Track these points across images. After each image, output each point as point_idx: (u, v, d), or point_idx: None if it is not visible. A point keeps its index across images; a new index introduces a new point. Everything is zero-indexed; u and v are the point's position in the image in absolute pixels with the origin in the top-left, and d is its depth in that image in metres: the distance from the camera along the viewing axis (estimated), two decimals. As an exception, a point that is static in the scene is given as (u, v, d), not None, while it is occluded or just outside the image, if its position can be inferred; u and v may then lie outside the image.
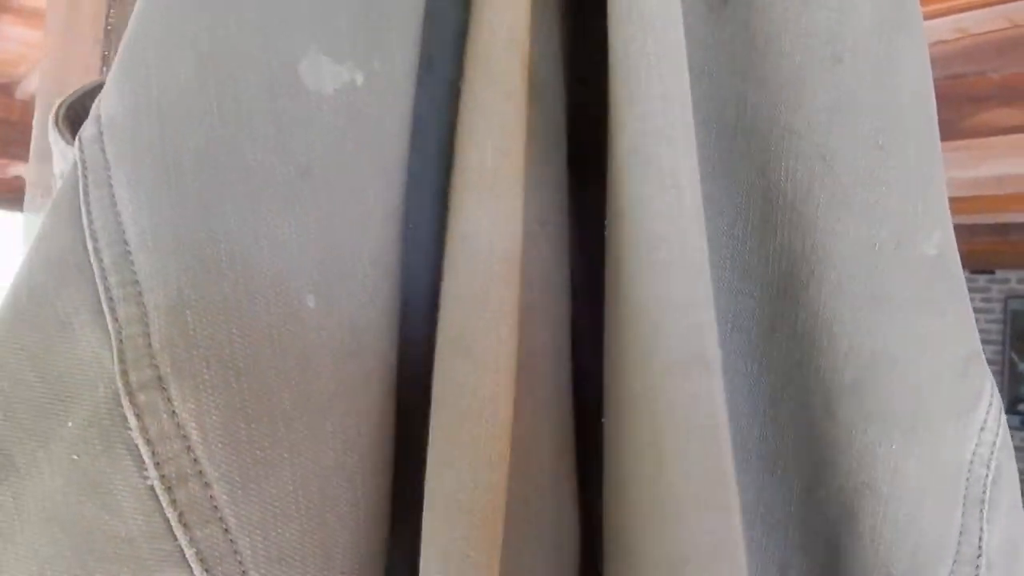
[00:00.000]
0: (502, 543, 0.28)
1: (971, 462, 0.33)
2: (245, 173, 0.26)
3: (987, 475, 0.33)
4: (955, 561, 0.32)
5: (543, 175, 0.35)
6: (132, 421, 0.25)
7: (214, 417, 0.25)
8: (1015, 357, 5.41)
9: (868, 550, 0.32)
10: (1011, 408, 5.24)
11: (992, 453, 0.34)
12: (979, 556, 0.33)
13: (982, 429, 0.34)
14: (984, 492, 0.33)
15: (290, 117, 0.27)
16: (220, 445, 0.25)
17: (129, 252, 0.26)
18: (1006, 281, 5.57)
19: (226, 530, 0.25)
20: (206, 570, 0.25)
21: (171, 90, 0.26)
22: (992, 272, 5.59)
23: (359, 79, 0.28)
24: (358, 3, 0.29)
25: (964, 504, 0.33)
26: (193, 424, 0.25)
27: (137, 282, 0.25)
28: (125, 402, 0.25)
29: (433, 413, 0.28)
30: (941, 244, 0.33)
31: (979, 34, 1.47)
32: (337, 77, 0.28)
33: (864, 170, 0.32)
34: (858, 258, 0.32)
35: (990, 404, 0.34)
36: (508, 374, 0.28)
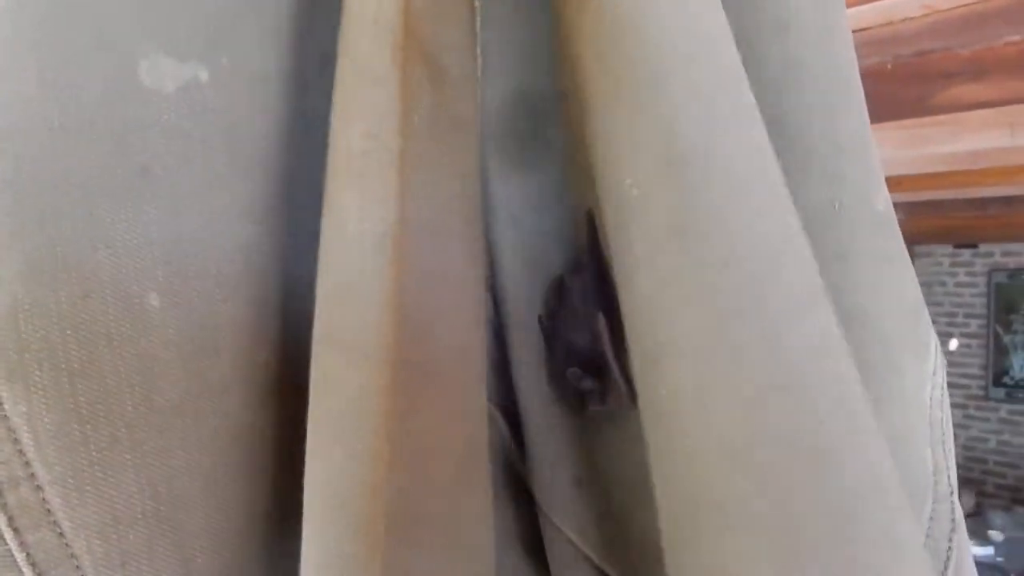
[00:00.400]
0: (396, 544, 0.28)
1: (930, 405, 0.34)
2: (83, 178, 0.26)
3: (941, 417, 0.35)
4: (934, 499, 0.33)
5: (452, 163, 0.35)
6: None
7: (47, 420, 0.25)
8: (999, 330, 5.44)
9: None
10: (996, 381, 5.28)
11: (942, 395, 0.35)
12: (951, 493, 0.34)
13: (934, 372, 0.35)
14: (943, 433, 0.34)
15: (129, 118, 0.27)
16: (54, 449, 0.25)
17: None
18: (990, 255, 5.59)
19: (60, 534, 0.25)
20: (38, 575, 0.24)
21: (14, 104, 0.26)
22: (975, 246, 5.61)
23: (203, 76, 0.28)
24: (206, 1, 0.29)
25: (931, 443, 0.34)
26: (25, 428, 0.25)
27: None
28: None
29: (310, 409, 0.28)
30: (885, 199, 0.35)
31: (946, 10, 1.46)
32: (179, 75, 0.28)
33: (819, 134, 0.33)
34: (822, 219, 0.33)
35: (936, 346, 0.36)
36: (386, 368, 0.28)
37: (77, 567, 0.25)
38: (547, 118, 0.39)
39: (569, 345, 0.45)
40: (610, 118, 0.29)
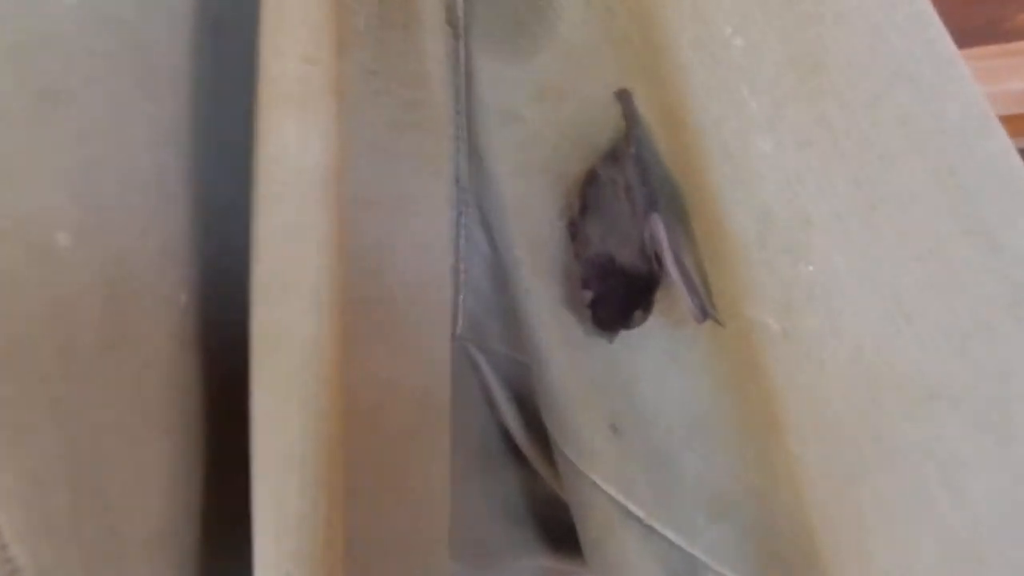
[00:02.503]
0: (354, 499, 0.27)
1: None
2: None
3: None
4: None
5: (405, 65, 0.34)
6: None
7: None
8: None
9: None
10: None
11: None
12: None
13: None
14: None
15: (29, 35, 0.24)
16: None
17: None
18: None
19: None
20: None
21: None
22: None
23: None
24: None
25: None
26: None
27: None
28: None
29: (255, 362, 0.26)
30: None
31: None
32: None
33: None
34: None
35: None
36: (338, 313, 0.27)
37: None
38: None
39: (604, 253, 0.36)
40: None
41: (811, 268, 0.32)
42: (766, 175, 0.32)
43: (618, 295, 0.36)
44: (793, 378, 0.33)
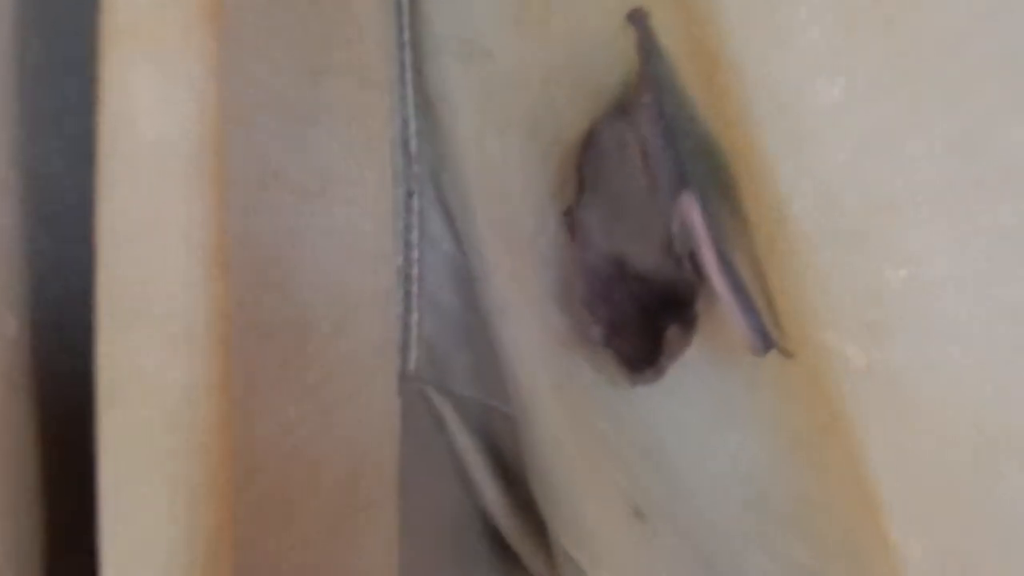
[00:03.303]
0: None
1: None
2: None
3: None
4: None
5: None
6: None
7: None
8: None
9: None
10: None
11: None
12: None
13: None
14: None
15: None
16: None
17: None
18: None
19: None
20: None
21: None
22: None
23: None
24: None
25: None
26: None
27: None
28: None
29: (97, 416, 0.22)
30: None
31: None
32: None
33: None
34: None
35: None
36: (220, 350, 0.23)
37: None
38: None
39: (610, 253, 0.29)
40: None
41: (902, 273, 0.27)
42: (832, 136, 0.27)
43: (633, 318, 0.28)
44: (885, 432, 0.27)
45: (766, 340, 0.26)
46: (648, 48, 0.29)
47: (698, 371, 0.29)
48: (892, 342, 0.26)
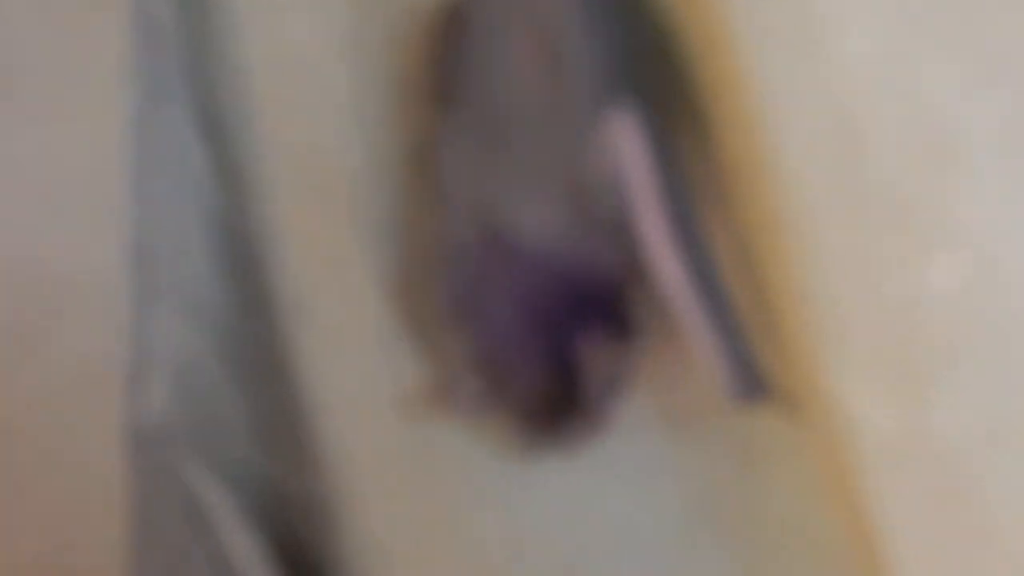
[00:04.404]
0: None
1: None
2: None
3: None
4: None
5: None
6: None
7: None
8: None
9: None
10: None
11: None
12: None
13: None
14: None
15: None
16: None
17: None
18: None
19: None
20: None
21: None
22: None
23: None
24: None
25: None
26: None
27: None
28: None
29: None
30: None
31: None
32: None
33: None
34: None
35: None
36: None
37: None
38: None
39: (496, 207, 0.16)
40: None
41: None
42: (855, 77, 0.19)
43: (532, 330, 0.16)
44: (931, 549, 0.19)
45: (751, 380, 0.15)
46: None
47: (644, 436, 0.18)
48: (936, 392, 0.17)
